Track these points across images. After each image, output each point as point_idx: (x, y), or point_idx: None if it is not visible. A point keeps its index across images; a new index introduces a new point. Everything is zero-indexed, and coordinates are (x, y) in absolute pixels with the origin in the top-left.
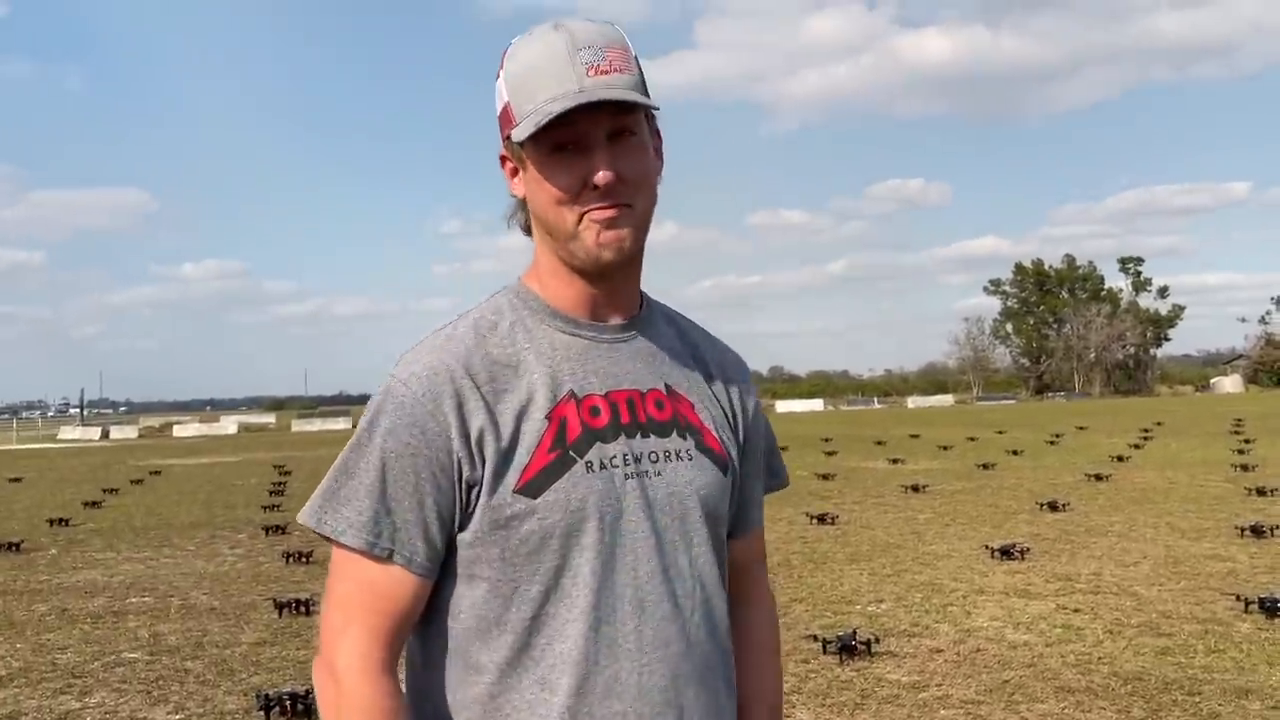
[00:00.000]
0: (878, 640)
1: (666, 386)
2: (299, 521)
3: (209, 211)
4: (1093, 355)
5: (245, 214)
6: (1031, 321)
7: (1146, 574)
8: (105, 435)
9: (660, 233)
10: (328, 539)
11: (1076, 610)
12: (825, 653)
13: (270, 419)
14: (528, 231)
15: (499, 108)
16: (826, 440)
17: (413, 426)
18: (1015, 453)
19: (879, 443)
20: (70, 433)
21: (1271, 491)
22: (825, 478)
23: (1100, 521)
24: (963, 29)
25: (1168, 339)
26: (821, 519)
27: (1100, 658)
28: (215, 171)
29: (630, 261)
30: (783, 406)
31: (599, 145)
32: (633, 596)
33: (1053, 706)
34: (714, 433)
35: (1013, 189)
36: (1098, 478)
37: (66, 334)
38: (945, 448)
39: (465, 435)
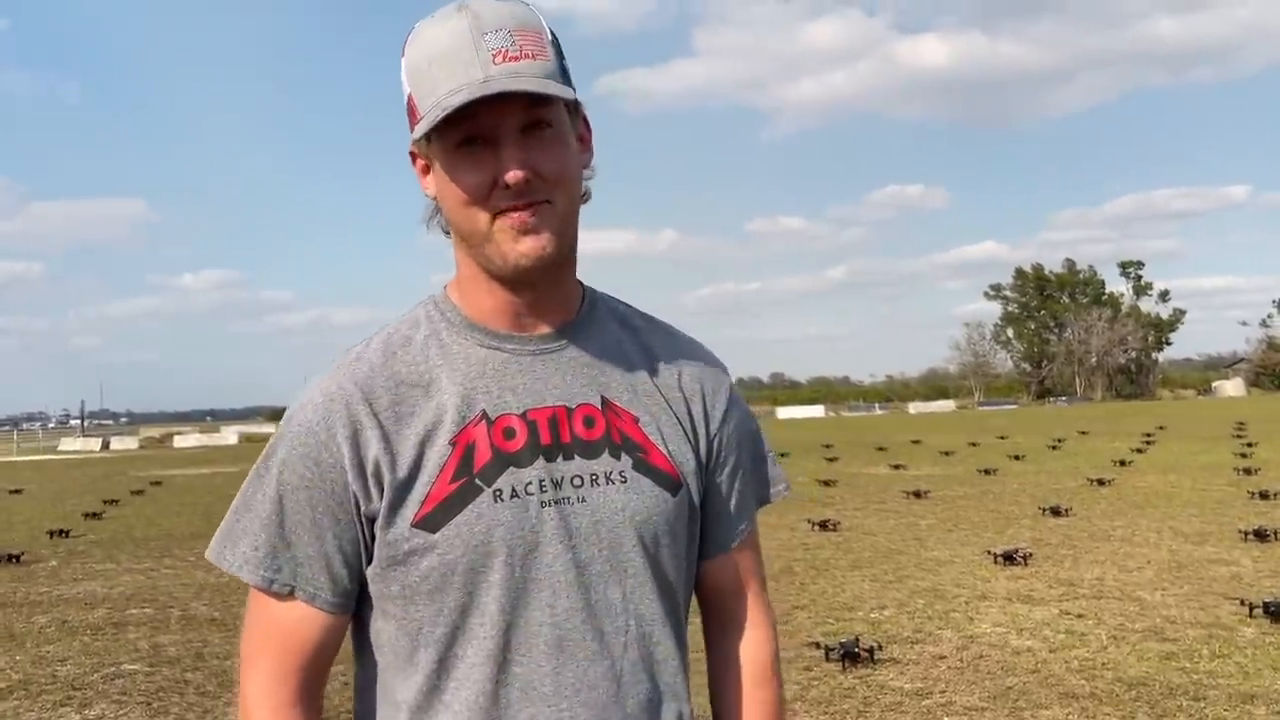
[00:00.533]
0: (880, 647)
1: (602, 400)
2: (206, 557)
3: (207, 222)
4: (1094, 359)
5: (243, 224)
6: (1032, 326)
7: (1150, 579)
8: (105, 446)
9: (659, 240)
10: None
11: (1080, 616)
12: (828, 660)
13: (270, 429)
14: (449, 233)
15: (405, 100)
16: (828, 446)
17: (306, 459)
18: (1017, 458)
19: (880, 448)
20: (71, 444)
21: (1275, 495)
22: (827, 484)
23: (1103, 526)
24: (960, 35)
25: (1169, 343)
26: (823, 525)
27: (1104, 663)
28: (213, 182)
29: (555, 265)
30: (784, 413)
31: (509, 140)
32: (549, 636)
33: (1057, 713)
34: (661, 448)
35: (1011, 194)
36: (1100, 482)
37: (66, 345)
38: (947, 453)
39: (360, 467)
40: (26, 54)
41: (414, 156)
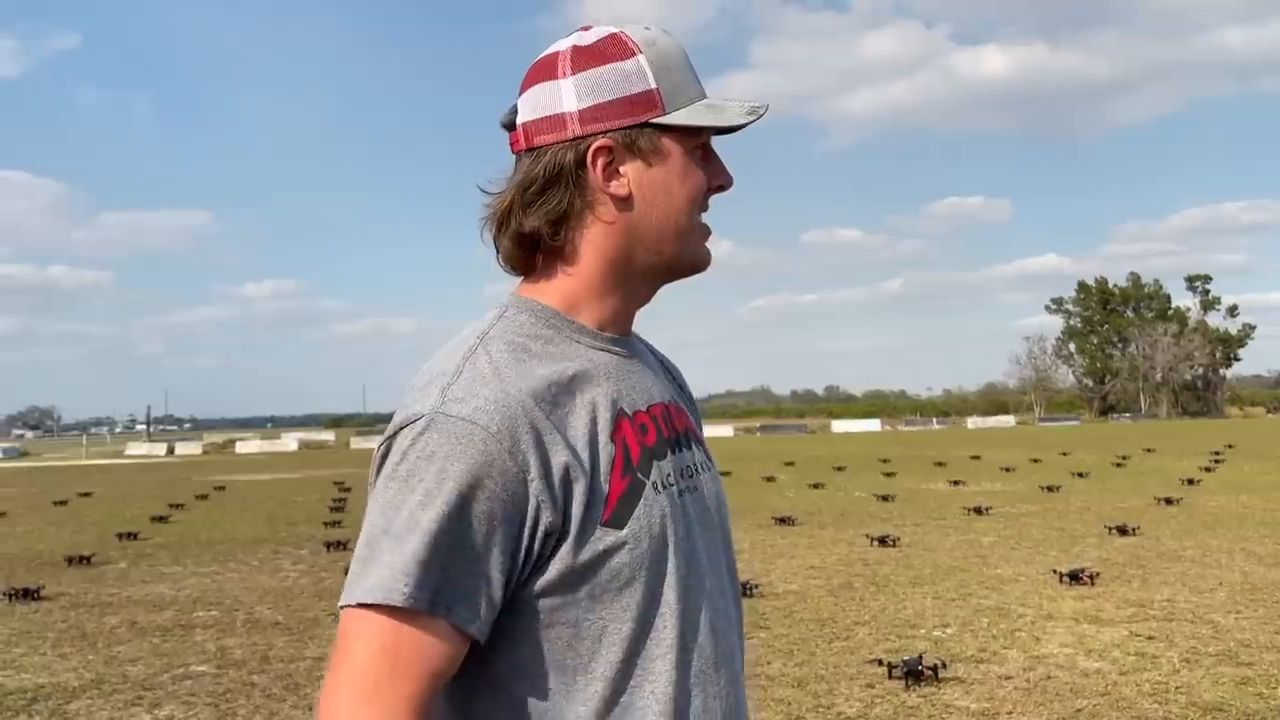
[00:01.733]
0: (945, 665)
1: (673, 397)
2: (363, 602)
3: (269, 232)
4: (1159, 375)
5: (303, 234)
6: (1095, 341)
7: (1223, 601)
8: (171, 451)
9: (715, 251)
10: (369, 606)
11: (1150, 638)
12: (891, 678)
13: (329, 436)
14: (529, 249)
15: (621, 92)
16: (885, 461)
17: (490, 469)
18: (1081, 475)
19: (939, 464)
20: (137, 449)
21: None
22: (885, 499)
23: (1172, 546)
24: (1022, 45)
25: (1238, 359)
26: (882, 541)
27: (1177, 687)
28: (275, 193)
29: None
30: (839, 426)
31: (714, 151)
32: (707, 618)
33: None
34: (705, 443)
35: (1074, 206)
36: (1168, 501)
37: (133, 352)
38: (1008, 469)
39: (546, 474)
40: (97, 70)
41: (600, 151)
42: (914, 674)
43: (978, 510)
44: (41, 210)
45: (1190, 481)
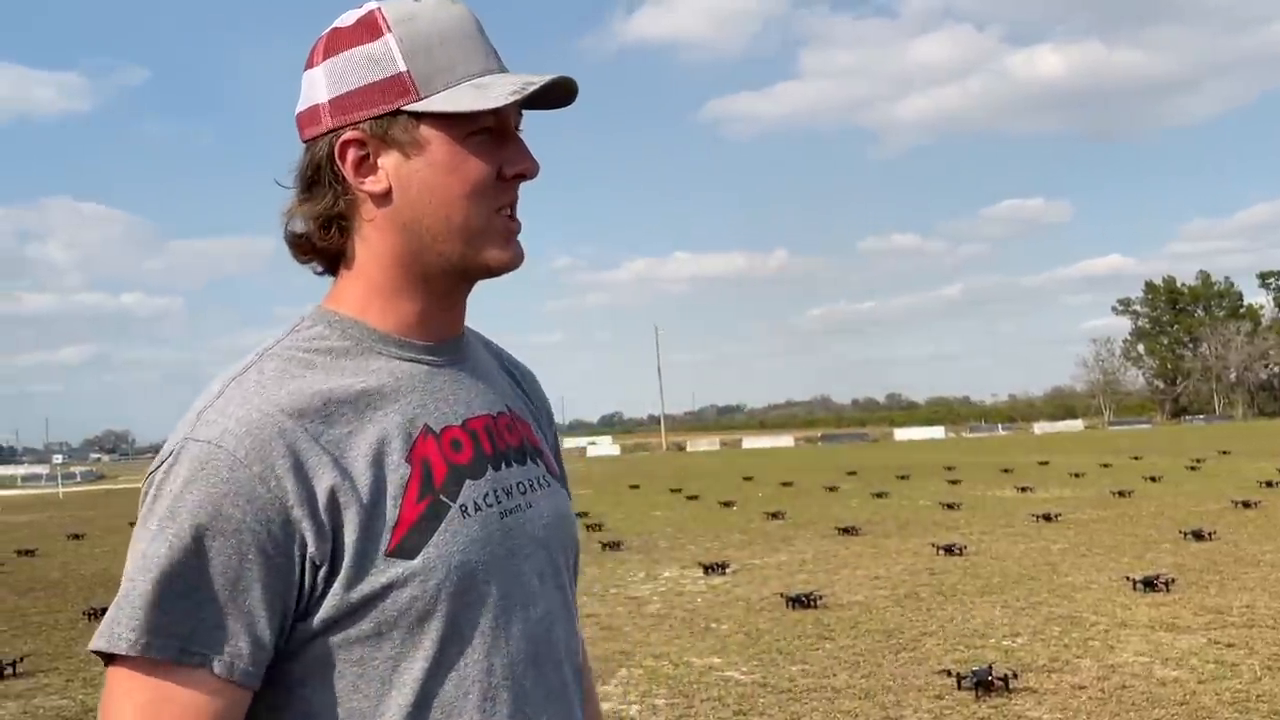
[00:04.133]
0: (1015, 676)
1: (508, 408)
2: (91, 650)
3: None
4: (1233, 376)
5: None
6: (1165, 342)
7: None
8: None
9: (770, 261)
10: (116, 657)
11: (1230, 645)
12: (960, 689)
13: None
14: (309, 251)
15: (366, 79)
16: (950, 469)
17: (235, 497)
18: (1153, 479)
19: (1006, 470)
20: None
21: None
22: (950, 507)
23: (1251, 551)
24: (1077, 44)
25: None
26: (949, 550)
27: (1259, 695)
28: None
29: None
30: (901, 434)
31: (515, 135)
32: (528, 650)
33: None
34: (549, 455)
35: (1137, 205)
36: (1245, 505)
37: (202, 374)
38: (1077, 475)
39: (309, 500)
40: (164, 103)
41: (349, 145)
42: (984, 685)
43: (1046, 517)
44: (114, 240)
45: (1268, 484)
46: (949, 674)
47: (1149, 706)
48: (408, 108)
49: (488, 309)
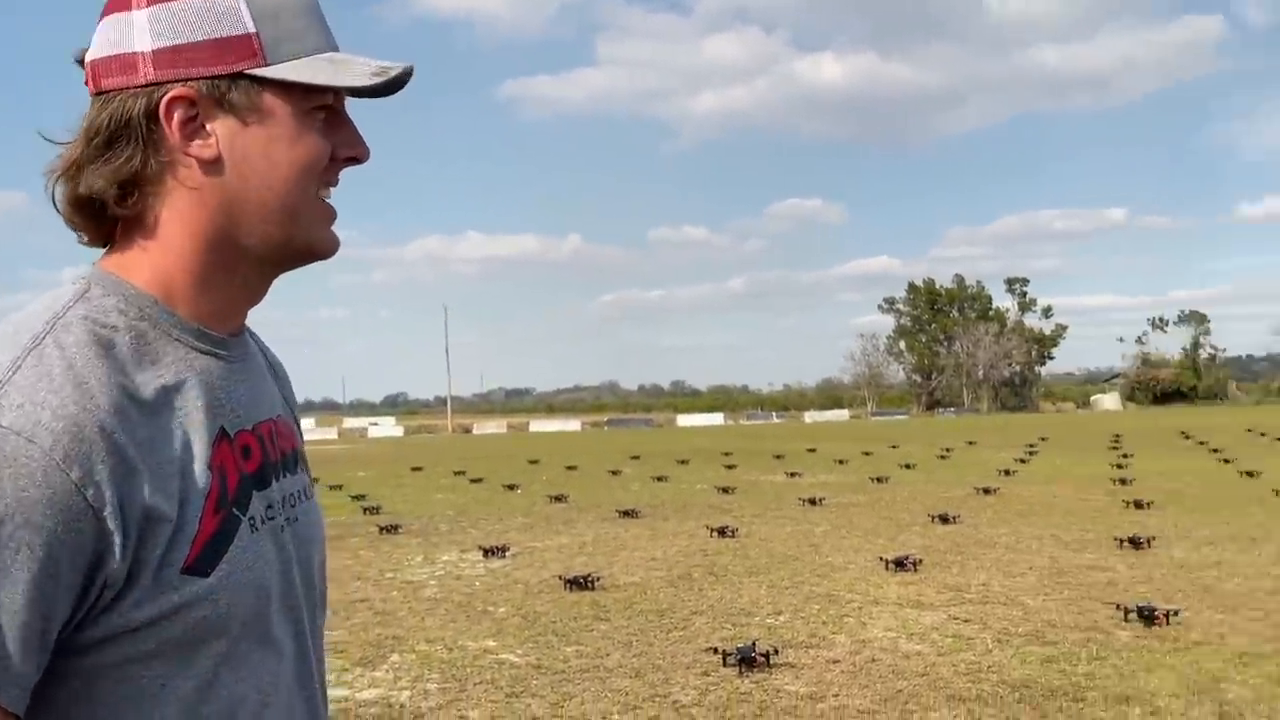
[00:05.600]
0: (776, 652)
1: (280, 413)
2: None
3: None
4: (981, 372)
5: None
6: (924, 339)
7: (1033, 584)
8: None
9: (563, 245)
10: None
11: (967, 620)
12: (725, 665)
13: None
14: (94, 216)
15: (207, 33)
16: (727, 454)
17: (49, 505)
18: (908, 466)
19: (778, 456)
20: None
21: (1148, 504)
22: (725, 491)
23: (989, 534)
24: (855, 54)
25: (1051, 357)
26: (721, 532)
27: (989, 666)
28: None
29: None
30: (684, 420)
31: (347, 116)
32: (297, 668)
33: (945, 715)
34: (305, 456)
35: (905, 210)
36: (986, 491)
37: None
38: (841, 461)
39: (125, 509)
40: None
41: (175, 102)
42: (747, 661)
43: (812, 501)
44: None
45: (1006, 472)
46: (715, 651)
47: (894, 678)
48: (252, 71)
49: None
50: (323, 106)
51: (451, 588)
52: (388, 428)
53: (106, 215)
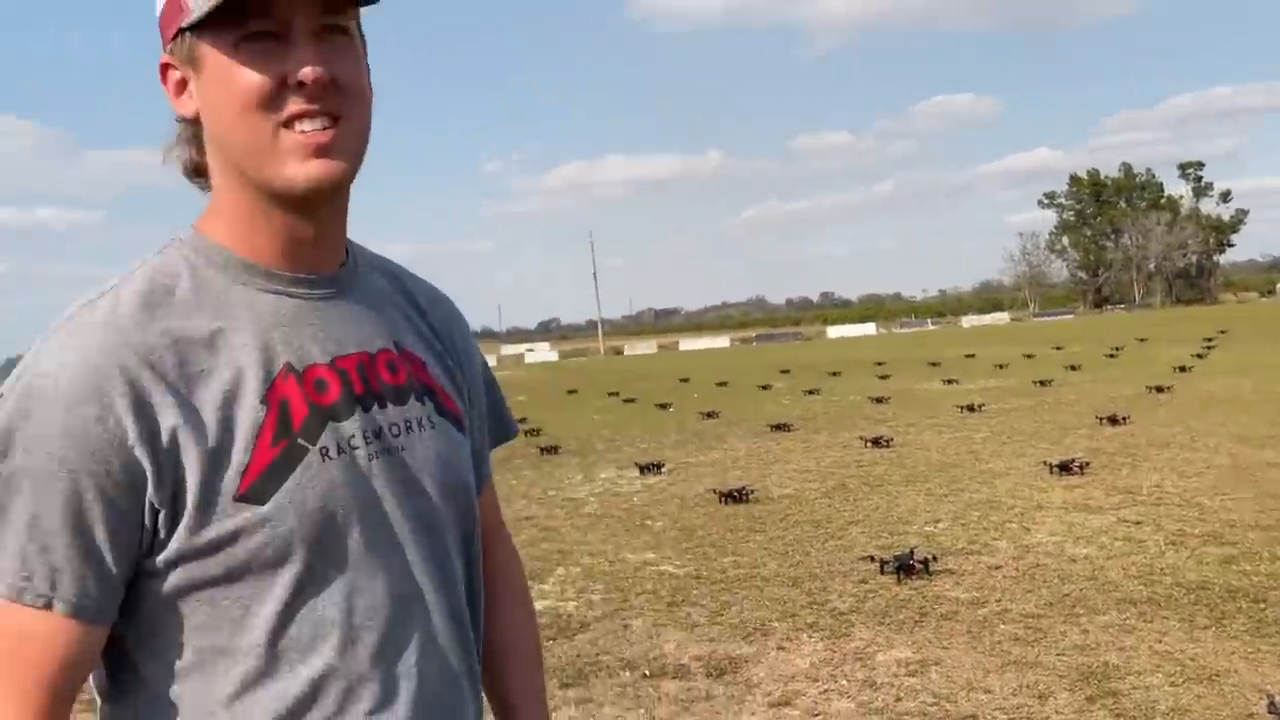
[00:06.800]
0: (935, 559)
1: (395, 344)
2: None
3: None
4: (1153, 265)
5: None
6: (1089, 234)
7: (1211, 484)
8: None
9: (705, 164)
10: None
11: (1138, 523)
12: (883, 573)
13: None
14: (195, 172)
15: (158, 2)
16: (879, 364)
17: (69, 438)
18: (1073, 368)
19: (933, 364)
20: None
21: None
22: (879, 401)
23: (1162, 434)
24: None
25: (1231, 245)
26: (876, 442)
27: (1163, 569)
28: None
29: (343, 190)
30: (834, 331)
31: (305, 38)
32: (395, 595)
33: (1114, 618)
34: (448, 392)
35: (1062, 99)
36: (1159, 389)
37: None
38: (1001, 366)
39: (150, 439)
40: (77, 12)
41: (166, 69)
42: (905, 568)
43: (970, 408)
44: (27, 153)
45: (1182, 369)
46: (872, 559)
47: (1059, 583)
48: (184, 23)
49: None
50: (260, 33)
51: (610, 504)
52: (543, 353)
53: (196, 169)
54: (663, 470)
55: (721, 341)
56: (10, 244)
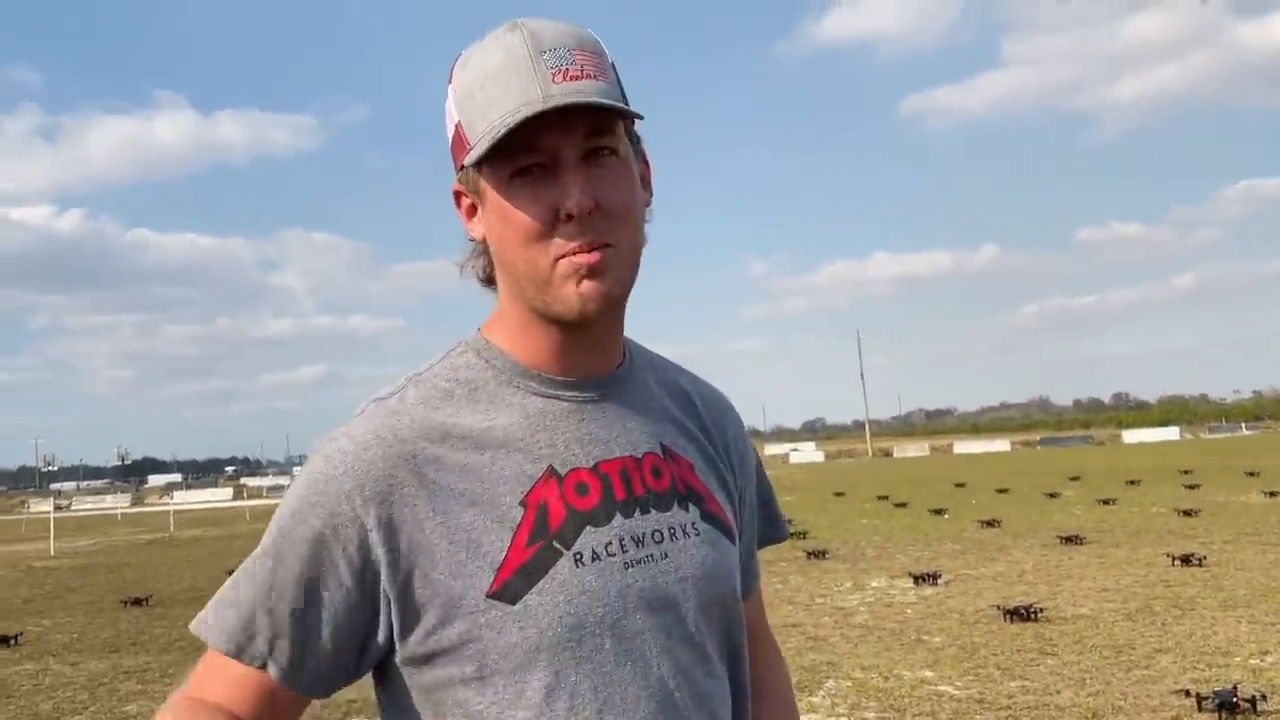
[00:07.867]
0: (1264, 698)
1: (663, 447)
2: (190, 630)
3: None
4: None
5: None
6: None
7: None
8: None
9: (977, 258)
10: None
11: None
12: (1200, 709)
13: None
14: (488, 282)
15: (450, 132)
16: (1186, 473)
17: (320, 508)
18: None
19: (1251, 474)
20: None
21: None
22: (1187, 514)
23: None
24: None
25: None
26: (1186, 560)
27: None
28: None
29: (617, 308)
30: (1131, 436)
31: (570, 166)
32: (648, 707)
33: None
34: (716, 496)
35: None
36: None
37: None
38: None
39: (388, 528)
40: (383, 137)
41: (459, 196)
42: (1228, 706)
43: None
44: (340, 266)
45: None
46: (1188, 694)
47: None
48: (465, 161)
49: (683, 318)
50: (533, 166)
51: (883, 614)
52: (808, 453)
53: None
54: (939, 581)
55: (1000, 444)
56: (328, 349)
